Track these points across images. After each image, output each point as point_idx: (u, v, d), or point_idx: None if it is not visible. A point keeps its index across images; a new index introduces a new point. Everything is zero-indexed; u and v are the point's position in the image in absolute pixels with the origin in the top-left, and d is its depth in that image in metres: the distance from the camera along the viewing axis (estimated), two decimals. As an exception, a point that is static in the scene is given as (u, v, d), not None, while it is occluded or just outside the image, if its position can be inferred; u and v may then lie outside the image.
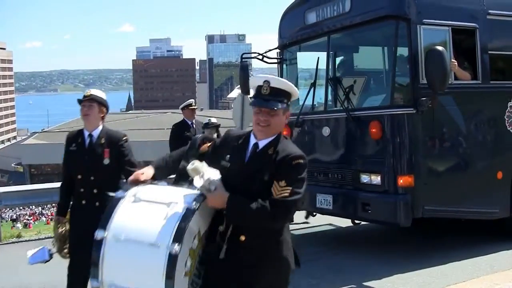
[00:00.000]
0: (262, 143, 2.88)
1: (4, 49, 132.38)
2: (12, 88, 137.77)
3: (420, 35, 6.13)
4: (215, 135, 6.31)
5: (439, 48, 5.95)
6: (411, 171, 6.13)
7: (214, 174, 2.80)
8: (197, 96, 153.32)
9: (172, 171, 3.16)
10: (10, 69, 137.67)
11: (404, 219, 6.10)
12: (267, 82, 2.86)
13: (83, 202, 4.40)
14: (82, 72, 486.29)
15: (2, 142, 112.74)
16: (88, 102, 4.40)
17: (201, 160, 2.97)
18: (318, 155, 7.24)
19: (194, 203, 2.70)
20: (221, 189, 2.77)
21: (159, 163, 3.15)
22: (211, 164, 2.99)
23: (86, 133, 4.44)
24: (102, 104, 4.46)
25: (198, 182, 2.74)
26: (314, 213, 7.62)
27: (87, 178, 4.36)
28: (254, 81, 2.92)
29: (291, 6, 7.81)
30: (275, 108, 2.82)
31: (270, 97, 2.83)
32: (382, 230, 8.05)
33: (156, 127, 59.81)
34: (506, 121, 6.74)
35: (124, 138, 4.48)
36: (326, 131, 7.00)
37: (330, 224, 8.55)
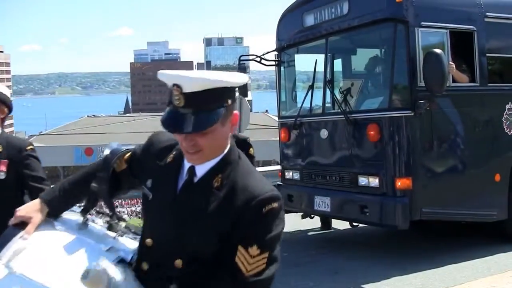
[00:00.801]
0: (201, 170, 1.78)
1: (1, 52, 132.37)
2: (10, 91, 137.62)
3: (418, 38, 6.13)
4: None
5: (437, 50, 5.96)
6: (409, 173, 6.13)
7: (121, 278, 1.77)
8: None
9: (77, 200, 2.09)
10: (8, 72, 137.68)
11: (402, 221, 6.10)
12: (177, 87, 1.66)
13: None
14: (80, 75, 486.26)
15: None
16: None
17: (115, 186, 2.02)
18: (316, 158, 7.25)
19: None
20: None
21: (53, 195, 2.04)
22: (132, 187, 2.06)
23: None
24: (2, 102, 3.55)
25: None
26: (312, 216, 7.62)
27: None
28: (163, 79, 1.73)
29: (289, 9, 7.81)
30: (202, 130, 1.68)
31: (189, 110, 1.66)
32: (380, 232, 8.05)
33: (154, 130, 59.69)
34: (504, 124, 6.74)
35: (29, 148, 3.49)
36: (324, 133, 7.00)
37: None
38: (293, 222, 8.75)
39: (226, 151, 1.80)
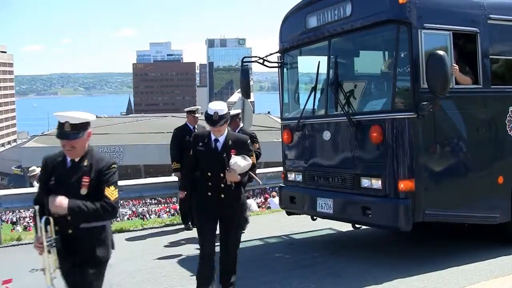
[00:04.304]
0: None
1: (4, 52, 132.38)
2: (13, 92, 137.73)
3: (421, 40, 6.13)
4: None
5: (440, 52, 5.94)
6: (411, 175, 6.11)
7: None
8: (197, 100, 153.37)
9: None
10: (11, 72, 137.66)
11: (404, 223, 6.08)
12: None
13: None
14: (82, 76, 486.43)
15: (3, 145, 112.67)
16: None
17: None
18: (319, 159, 7.24)
19: None
20: None
21: None
22: None
23: None
24: None
25: None
26: (315, 217, 7.60)
27: None
28: None
29: (292, 10, 7.81)
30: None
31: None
32: (382, 234, 8.03)
33: (156, 131, 59.89)
34: (507, 126, 6.73)
35: None
36: (327, 135, 6.99)
37: (330, 228, 8.54)
38: (294, 224, 8.75)
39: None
